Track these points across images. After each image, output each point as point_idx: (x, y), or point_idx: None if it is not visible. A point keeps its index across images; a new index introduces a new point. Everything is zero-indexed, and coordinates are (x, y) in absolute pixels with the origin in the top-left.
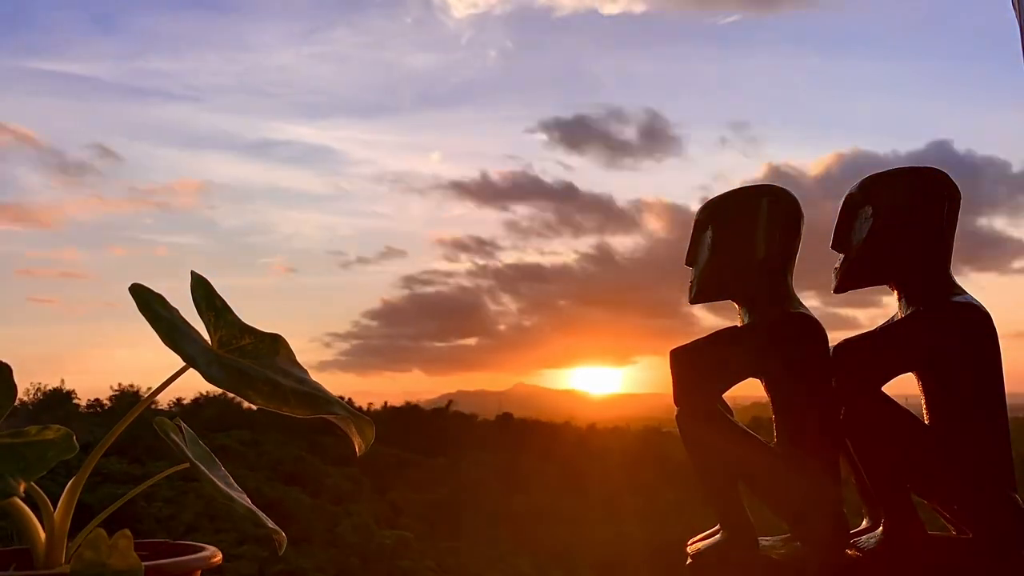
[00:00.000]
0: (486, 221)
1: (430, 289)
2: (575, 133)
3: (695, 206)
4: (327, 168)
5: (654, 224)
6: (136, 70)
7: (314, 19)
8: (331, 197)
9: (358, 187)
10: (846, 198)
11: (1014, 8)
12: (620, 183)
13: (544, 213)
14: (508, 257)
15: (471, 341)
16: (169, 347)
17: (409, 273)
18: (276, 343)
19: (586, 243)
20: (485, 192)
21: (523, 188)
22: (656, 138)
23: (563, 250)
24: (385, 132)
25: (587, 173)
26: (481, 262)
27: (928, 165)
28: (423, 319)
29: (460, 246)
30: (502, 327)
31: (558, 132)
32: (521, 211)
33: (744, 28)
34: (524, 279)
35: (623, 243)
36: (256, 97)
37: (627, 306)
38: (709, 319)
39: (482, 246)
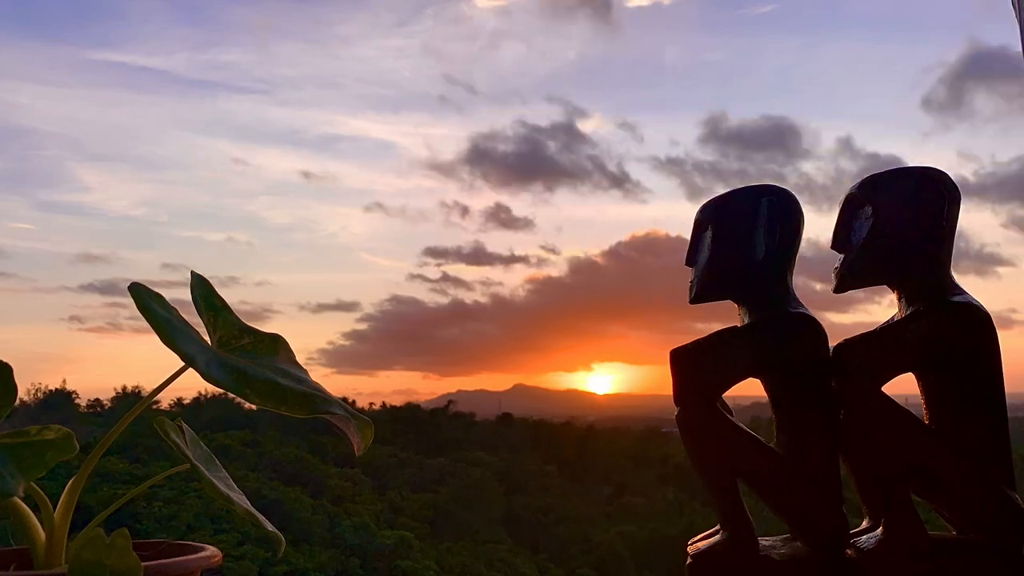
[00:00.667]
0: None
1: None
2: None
3: None
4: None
5: None
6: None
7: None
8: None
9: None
10: (846, 198)
11: (1014, 8)
12: None
13: None
14: None
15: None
16: (169, 347)
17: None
18: (275, 343)
19: None
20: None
21: None
22: None
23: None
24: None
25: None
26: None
27: (929, 166)
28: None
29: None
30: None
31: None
32: None
33: None
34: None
35: None
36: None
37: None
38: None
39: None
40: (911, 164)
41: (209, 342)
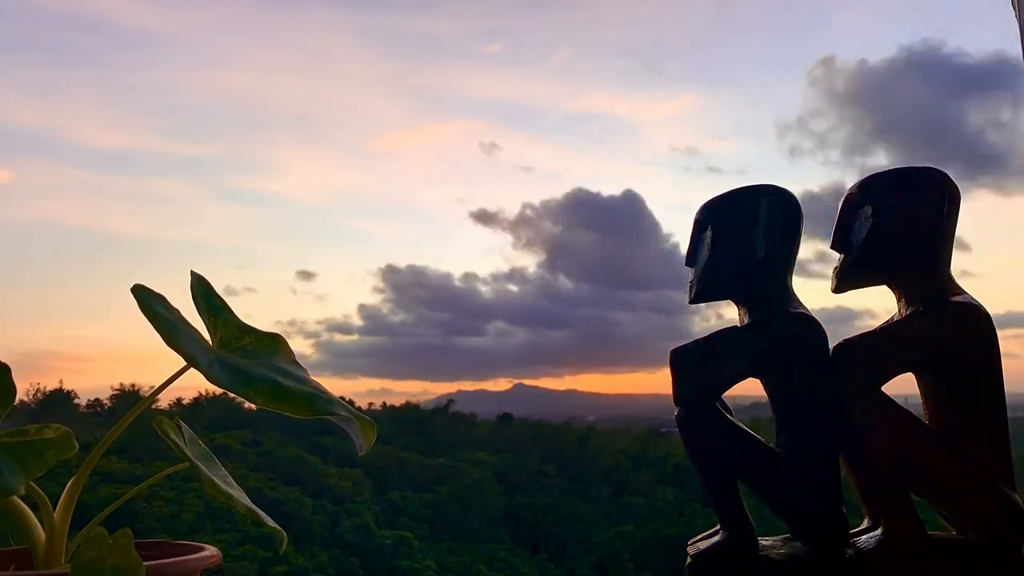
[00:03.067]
0: None
1: None
2: None
3: None
4: None
5: None
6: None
7: None
8: None
9: None
10: (846, 198)
11: (1014, 8)
12: None
13: None
14: None
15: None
16: (170, 347)
17: None
18: (276, 343)
19: None
20: None
21: None
22: None
23: None
24: None
25: None
26: None
27: (928, 166)
28: None
29: None
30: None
31: None
32: None
33: None
34: None
35: None
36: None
37: None
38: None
39: None
40: None
41: (210, 342)
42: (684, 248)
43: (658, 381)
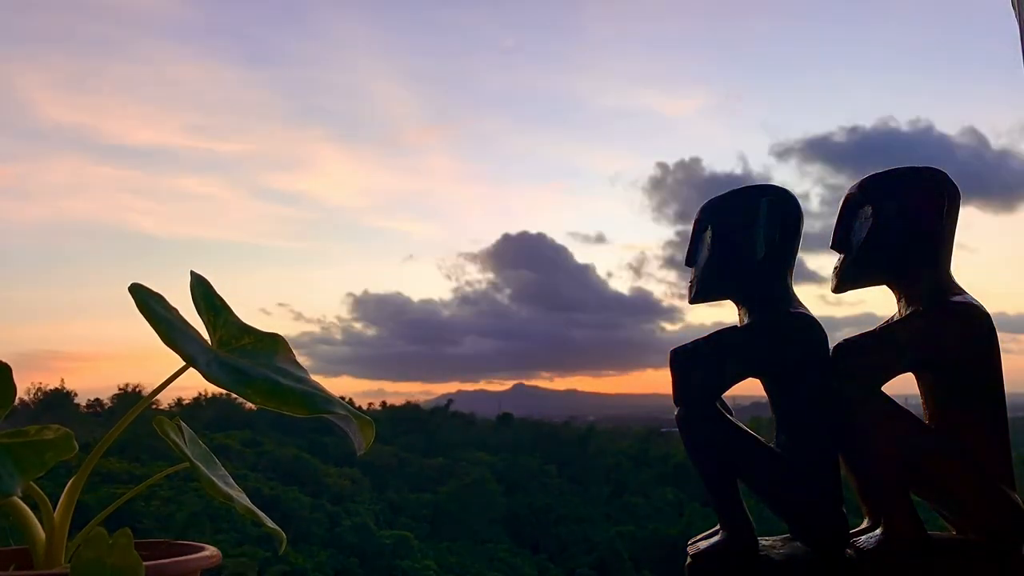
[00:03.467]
0: None
1: None
2: None
3: None
4: None
5: None
6: None
7: None
8: None
9: None
10: (846, 198)
11: (1014, 8)
12: None
13: None
14: None
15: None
16: (169, 347)
17: None
18: (275, 343)
19: None
20: None
21: None
22: None
23: None
24: None
25: None
26: None
27: (928, 166)
28: None
29: None
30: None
31: None
32: None
33: None
34: None
35: None
36: None
37: None
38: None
39: None
40: None
41: (209, 342)
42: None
43: (658, 381)
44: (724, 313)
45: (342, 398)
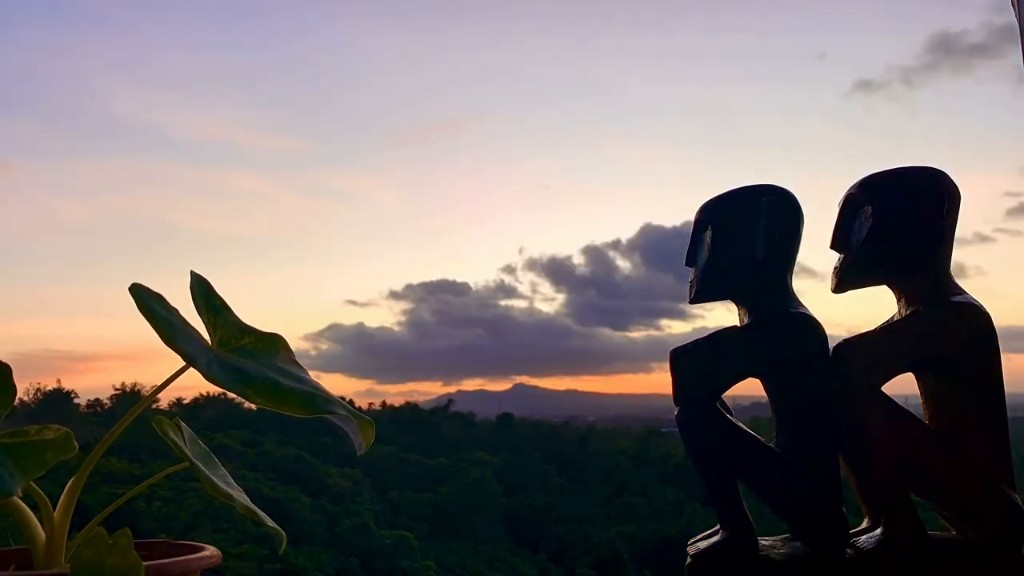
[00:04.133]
0: None
1: None
2: None
3: None
4: None
5: None
6: None
7: None
8: None
9: None
10: (846, 198)
11: (1014, 8)
12: None
13: None
14: None
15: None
16: (169, 347)
17: None
18: (276, 343)
19: None
20: None
21: None
22: None
23: None
24: None
25: None
26: None
27: (928, 166)
28: None
29: None
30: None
31: None
32: None
33: None
34: None
35: None
36: None
37: None
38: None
39: None
40: None
41: (209, 342)
42: None
43: (658, 381)
44: (724, 314)
45: (342, 398)
